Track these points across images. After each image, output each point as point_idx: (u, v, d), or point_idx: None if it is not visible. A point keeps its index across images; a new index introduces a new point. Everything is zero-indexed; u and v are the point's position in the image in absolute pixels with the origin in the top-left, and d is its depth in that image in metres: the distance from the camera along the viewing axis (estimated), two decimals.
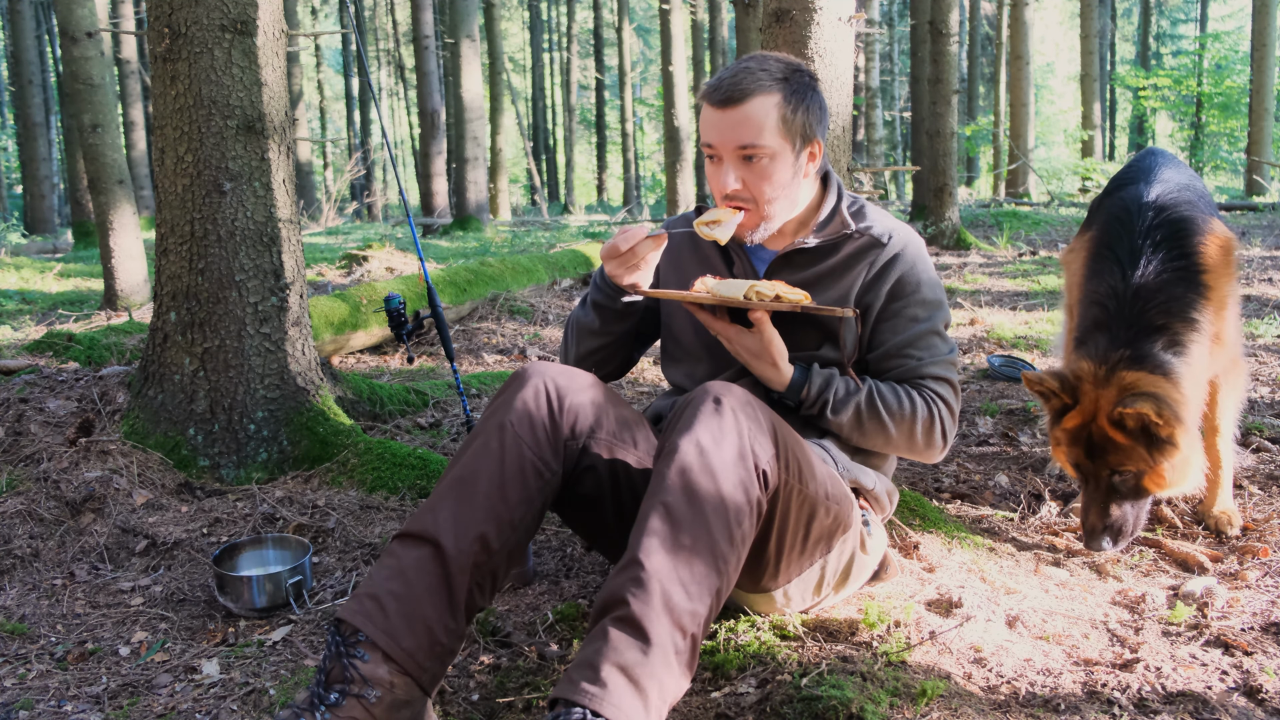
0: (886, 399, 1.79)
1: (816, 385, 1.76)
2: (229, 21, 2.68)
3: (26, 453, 2.57)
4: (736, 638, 1.75)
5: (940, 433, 1.82)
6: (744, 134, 1.71)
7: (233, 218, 2.72)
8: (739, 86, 1.70)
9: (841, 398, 1.77)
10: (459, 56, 13.24)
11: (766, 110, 1.71)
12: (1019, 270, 7.17)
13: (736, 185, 1.75)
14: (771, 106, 1.71)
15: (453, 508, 1.53)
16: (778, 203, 1.79)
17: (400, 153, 31.54)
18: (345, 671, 1.40)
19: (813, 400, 1.76)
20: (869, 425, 1.78)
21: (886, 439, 1.80)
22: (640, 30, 31.79)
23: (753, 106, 1.70)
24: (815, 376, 1.77)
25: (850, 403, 1.77)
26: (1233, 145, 23.91)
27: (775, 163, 1.74)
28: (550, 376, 1.65)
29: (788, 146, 1.75)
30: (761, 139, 1.71)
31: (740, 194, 1.76)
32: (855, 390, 1.78)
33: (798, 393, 1.76)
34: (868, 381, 1.80)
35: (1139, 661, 1.67)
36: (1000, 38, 18.27)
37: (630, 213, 19.03)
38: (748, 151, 1.73)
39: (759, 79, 1.71)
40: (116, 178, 5.66)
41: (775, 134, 1.72)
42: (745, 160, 1.74)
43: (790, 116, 1.73)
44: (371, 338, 4.71)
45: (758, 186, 1.76)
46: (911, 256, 1.84)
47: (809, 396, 1.76)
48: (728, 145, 1.73)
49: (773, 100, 1.71)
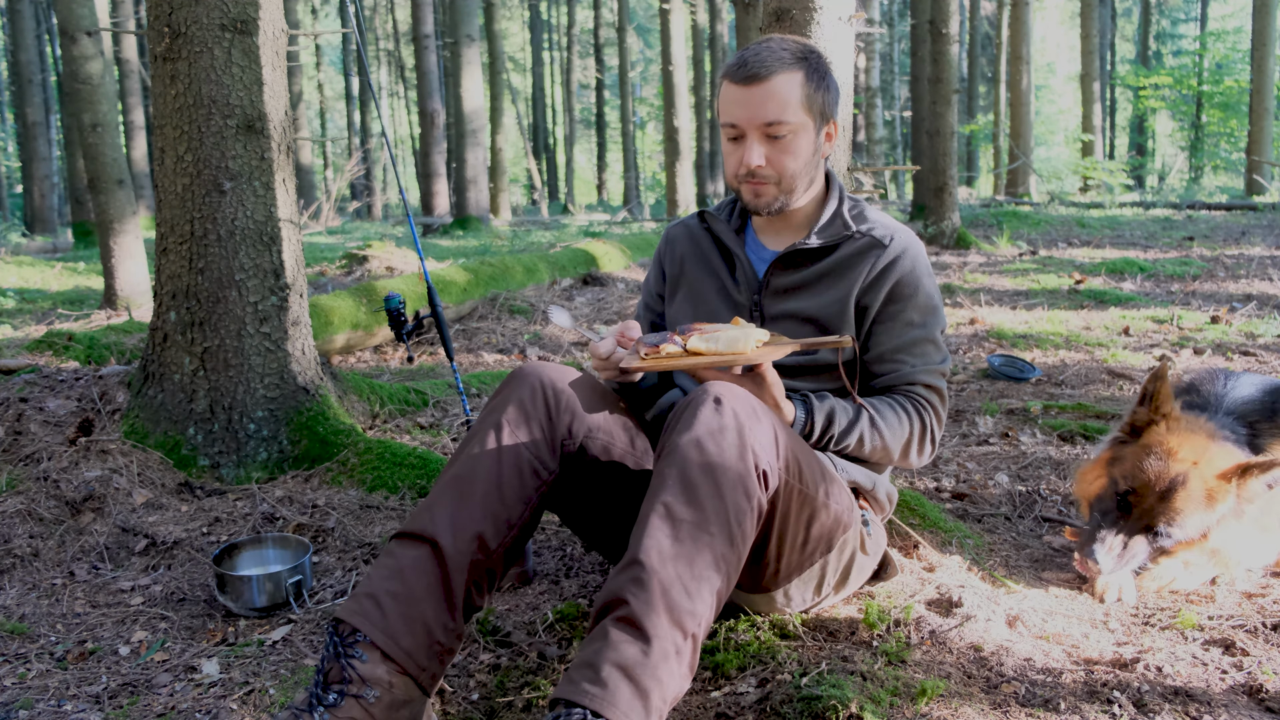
0: (887, 419, 1.78)
1: (820, 423, 1.74)
2: (229, 21, 2.67)
3: (26, 452, 2.57)
4: (736, 637, 1.75)
5: (930, 441, 1.84)
6: (770, 110, 1.72)
7: (232, 217, 2.72)
8: (764, 64, 1.71)
9: (844, 429, 1.75)
10: (459, 56, 13.24)
11: (791, 86, 1.72)
12: (1019, 269, 7.17)
13: (760, 161, 1.75)
14: (796, 84, 1.72)
15: (450, 507, 1.53)
16: (800, 179, 1.79)
17: (400, 152, 31.54)
18: (343, 672, 1.40)
19: (817, 437, 1.76)
20: (871, 449, 1.79)
21: (887, 457, 1.82)
22: (640, 30, 31.79)
23: (778, 82, 1.71)
24: (817, 414, 1.74)
25: (854, 432, 1.76)
26: (1233, 145, 23.91)
27: (799, 138, 1.75)
28: (547, 376, 1.66)
29: (810, 123, 1.76)
30: (786, 114, 1.72)
31: (763, 170, 1.76)
32: (857, 419, 1.77)
33: (801, 429, 1.75)
34: (865, 407, 1.78)
35: (1139, 661, 1.67)
36: (1000, 38, 18.28)
37: (630, 212, 19.02)
38: (773, 129, 1.73)
39: (781, 57, 1.72)
40: (116, 177, 5.66)
41: (800, 109, 1.73)
42: (769, 137, 1.74)
43: (813, 93, 1.74)
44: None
45: (781, 162, 1.76)
46: (912, 260, 1.83)
47: (812, 433, 1.75)
48: (754, 122, 1.73)
49: (797, 77, 1.72)
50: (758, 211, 1.83)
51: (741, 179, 1.79)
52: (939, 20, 8.68)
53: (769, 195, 1.79)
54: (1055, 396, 3.69)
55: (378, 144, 24.88)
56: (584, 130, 35.07)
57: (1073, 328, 5.01)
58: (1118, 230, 9.92)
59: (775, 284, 1.86)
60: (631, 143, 23.82)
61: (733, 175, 1.80)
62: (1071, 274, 6.77)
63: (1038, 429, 3.21)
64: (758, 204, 1.81)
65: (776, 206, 1.81)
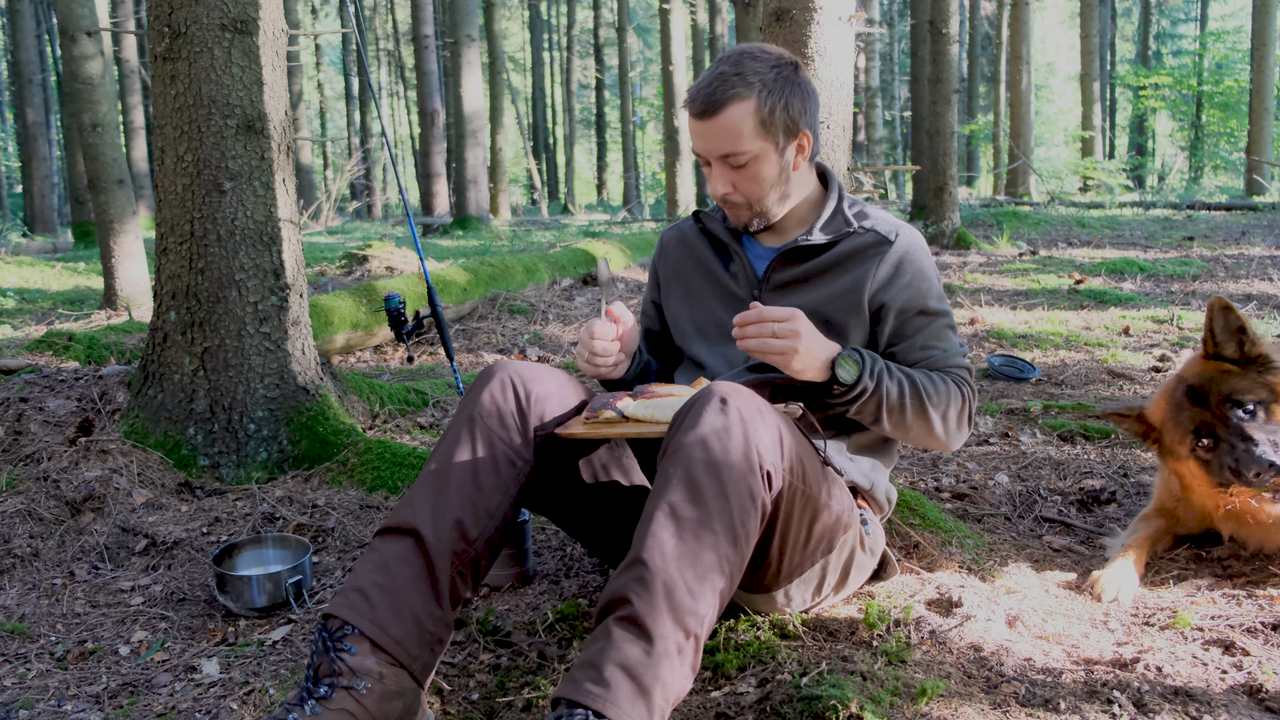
0: (933, 381, 1.75)
1: (867, 358, 1.69)
2: (229, 21, 2.67)
3: (26, 452, 2.57)
4: (736, 637, 1.75)
5: (969, 419, 1.81)
6: (724, 143, 1.74)
7: (232, 217, 2.72)
8: (713, 98, 1.72)
9: (887, 370, 1.70)
10: (459, 56, 13.24)
11: (742, 117, 1.72)
12: (1019, 269, 7.17)
13: (727, 189, 1.80)
14: (747, 113, 1.72)
15: (429, 498, 1.57)
16: (769, 199, 1.82)
17: (400, 152, 31.53)
18: (333, 664, 1.41)
19: (866, 370, 1.68)
20: (912, 406, 1.71)
21: (926, 425, 1.74)
22: (640, 30, 31.79)
23: (728, 116, 1.72)
24: (864, 353, 1.69)
25: (894, 379, 1.71)
26: (1233, 145, 23.92)
27: (760, 163, 1.77)
28: (516, 370, 1.69)
29: (770, 146, 1.76)
30: (740, 144, 1.73)
31: (732, 196, 1.81)
32: (899, 370, 1.73)
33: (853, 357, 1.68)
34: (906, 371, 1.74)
35: (1139, 661, 1.67)
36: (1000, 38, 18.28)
37: (630, 212, 19.02)
38: (731, 159, 1.76)
39: (732, 86, 1.71)
40: (116, 177, 5.66)
41: (754, 138, 1.74)
42: (732, 166, 1.77)
43: (769, 118, 1.73)
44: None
45: (746, 188, 1.80)
46: (920, 254, 1.85)
47: (863, 363, 1.68)
48: (712, 154, 1.77)
49: (748, 107, 1.72)
50: (742, 229, 1.88)
51: (719, 200, 1.84)
52: (939, 20, 8.67)
53: (744, 216, 1.85)
54: (1055, 396, 3.69)
55: (378, 144, 24.88)
56: (584, 130, 35.07)
57: (1073, 328, 5.01)
58: (1118, 230, 9.92)
59: (776, 279, 1.86)
60: (631, 143, 23.82)
61: (714, 197, 1.85)
62: (1071, 274, 6.77)
63: (1038, 429, 3.21)
64: (737, 223, 1.88)
65: (755, 225, 1.86)
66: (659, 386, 1.72)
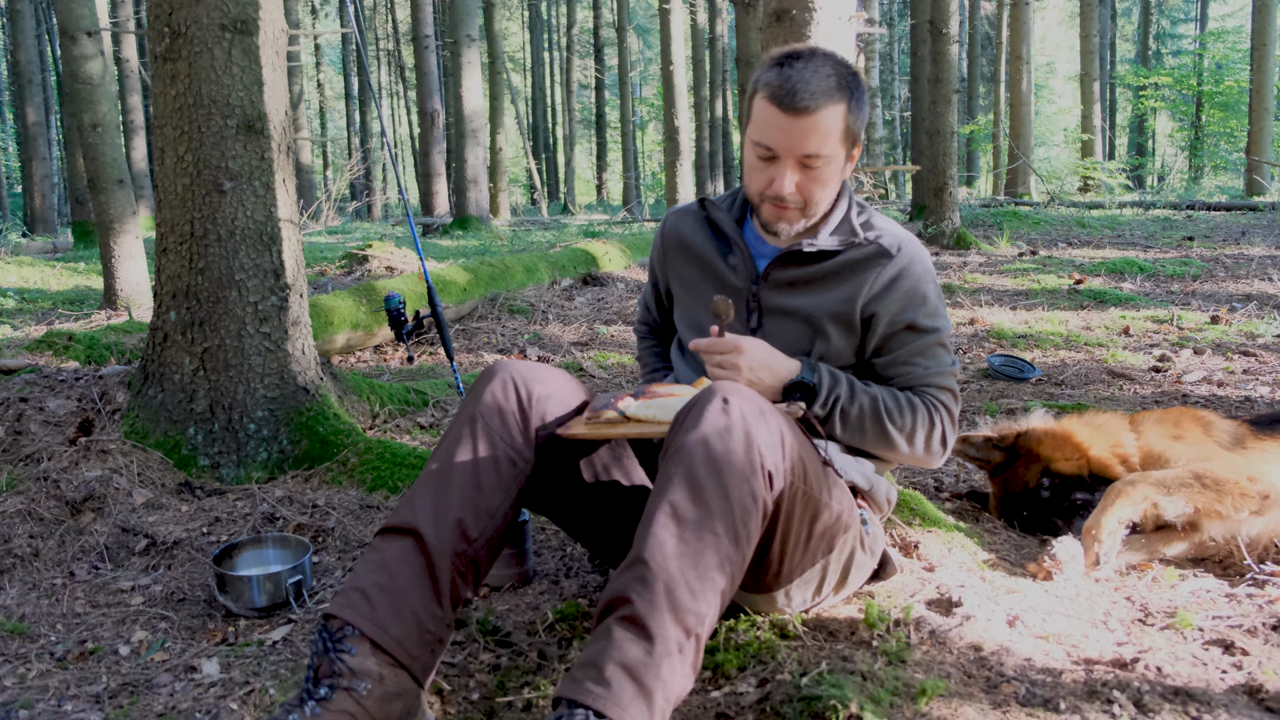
0: (898, 402, 1.79)
1: (826, 379, 1.75)
2: (229, 21, 2.67)
3: (26, 452, 2.57)
4: (736, 637, 1.75)
5: (941, 440, 1.82)
6: (811, 143, 1.69)
7: (232, 217, 2.72)
8: (813, 95, 1.66)
9: (848, 394, 1.75)
10: (459, 56, 13.23)
11: (835, 120, 1.69)
12: (1019, 270, 7.17)
13: (791, 189, 1.73)
14: (839, 116, 1.69)
15: (430, 498, 1.56)
16: (824, 204, 1.80)
17: (400, 152, 31.52)
18: (333, 665, 1.41)
19: (825, 395, 1.75)
20: (874, 426, 1.77)
21: (888, 444, 1.80)
22: (640, 30, 31.79)
23: (824, 116, 1.68)
24: (822, 371, 1.75)
25: (857, 401, 1.76)
26: (1233, 145, 23.91)
27: (830, 167, 1.74)
28: (517, 370, 1.69)
29: (844, 152, 1.75)
30: (825, 147, 1.70)
31: (794, 197, 1.75)
32: (862, 390, 1.77)
33: (810, 378, 1.74)
34: (869, 387, 1.79)
35: (1139, 661, 1.67)
36: (1000, 38, 18.29)
37: (630, 212, 19.02)
38: (810, 161, 1.71)
39: (828, 87, 1.67)
40: (116, 177, 5.66)
41: (838, 142, 1.72)
42: (804, 167, 1.72)
43: (852, 124, 1.73)
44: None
45: (810, 190, 1.75)
46: (920, 270, 1.84)
47: (819, 385, 1.74)
48: (793, 152, 1.71)
49: (840, 109, 1.69)
50: (775, 234, 1.82)
51: (767, 199, 1.76)
52: (939, 20, 8.68)
53: (792, 219, 1.78)
54: (1055, 396, 3.69)
55: (378, 144, 24.88)
56: (584, 130, 35.05)
57: (1073, 328, 5.01)
58: (1117, 230, 9.92)
59: (775, 277, 1.86)
60: (631, 143, 23.83)
61: (757, 193, 1.77)
62: (1071, 274, 6.77)
63: None
64: (778, 227, 1.80)
65: (797, 230, 1.81)
66: (660, 386, 1.72)
